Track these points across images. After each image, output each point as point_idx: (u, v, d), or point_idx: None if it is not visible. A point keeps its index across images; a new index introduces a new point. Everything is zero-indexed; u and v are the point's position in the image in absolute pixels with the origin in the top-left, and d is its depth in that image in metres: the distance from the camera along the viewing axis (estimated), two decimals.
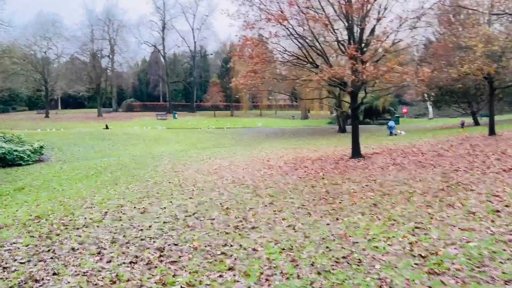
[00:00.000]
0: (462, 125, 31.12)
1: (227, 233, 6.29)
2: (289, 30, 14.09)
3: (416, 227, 5.36)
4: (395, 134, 29.36)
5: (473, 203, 6.41)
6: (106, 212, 8.90)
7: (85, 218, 8.48)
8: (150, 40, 79.04)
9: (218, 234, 6.29)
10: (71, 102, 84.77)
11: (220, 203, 8.79)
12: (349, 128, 38.97)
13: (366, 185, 9.45)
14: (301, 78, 15.75)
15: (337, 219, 6.33)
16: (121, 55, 73.68)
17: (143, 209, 8.91)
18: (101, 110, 63.94)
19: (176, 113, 63.76)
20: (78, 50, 68.06)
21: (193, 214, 7.93)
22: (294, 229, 6.06)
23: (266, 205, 8.13)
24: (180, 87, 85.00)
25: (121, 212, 8.82)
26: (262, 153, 21.81)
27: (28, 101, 79.89)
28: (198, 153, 23.38)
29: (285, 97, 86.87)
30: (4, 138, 23.57)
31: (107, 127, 38.01)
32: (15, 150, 21.04)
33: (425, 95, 30.42)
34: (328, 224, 6.07)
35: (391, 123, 31.16)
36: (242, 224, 6.72)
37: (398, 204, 6.97)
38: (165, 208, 8.82)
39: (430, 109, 54.77)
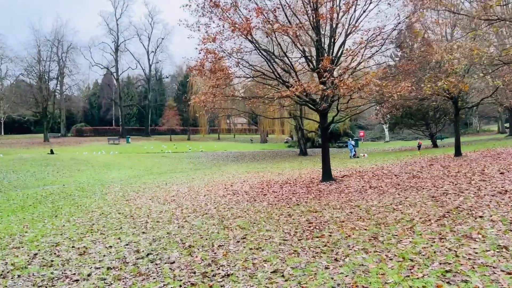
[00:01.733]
0: (419, 147, 31.27)
1: (192, 284, 4.70)
2: (254, 43, 12.97)
3: (446, 271, 4.07)
4: (357, 157, 28.85)
5: (494, 233, 5.27)
6: (35, 254, 7.01)
7: (6, 263, 6.55)
8: (103, 62, 76.27)
9: (180, 286, 4.69)
10: (16, 127, 79.04)
11: (181, 239, 7.16)
12: (310, 151, 38.45)
13: (351, 212, 8.19)
14: (266, 96, 14.59)
15: (336, 259, 4.91)
16: (71, 78, 70.12)
17: (84, 249, 7.10)
18: (47, 135, 59.70)
19: (129, 137, 60.82)
20: (23, 71, 63.89)
21: (147, 255, 6.26)
22: (283, 276, 4.57)
23: (238, 241, 6.60)
24: (134, 111, 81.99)
25: (55, 253, 6.96)
26: (223, 177, 20.29)
27: None
28: (153, 179, 21.47)
29: (244, 121, 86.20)
30: None
31: (52, 152, 34.92)
32: None
33: (384, 117, 30.31)
34: (327, 268, 4.65)
35: (351, 142, 30.69)
36: (212, 270, 5.15)
37: (402, 236, 5.71)
38: (111, 247, 7.06)
39: (387, 132, 55.72)
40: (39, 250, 7.33)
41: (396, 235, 5.77)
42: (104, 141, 57.98)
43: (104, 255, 6.48)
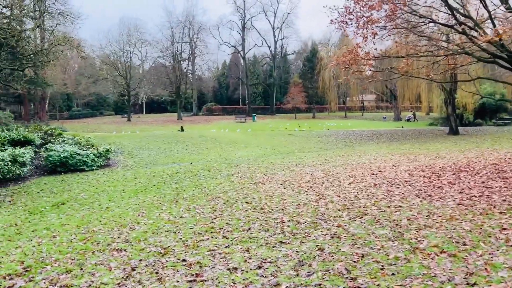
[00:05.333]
0: None
1: None
2: None
3: None
4: None
5: None
6: (133, 269, 4.89)
7: (90, 284, 4.53)
8: (230, 41, 77.33)
9: None
10: (155, 107, 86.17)
11: (347, 269, 4.29)
12: (460, 129, 32.18)
13: None
14: (434, 52, 10.79)
15: None
16: (201, 58, 72.65)
17: (197, 267, 4.75)
18: (181, 114, 62.99)
19: (255, 115, 60.61)
20: (160, 54, 68.17)
21: None
22: None
23: None
24: (259, 89, 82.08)
25: (157, 272, 4.71)
26: (363, 159, 16.92)
27: (115, 106, 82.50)
28: (281, 159, 19.14)
29: (371, 98, 79.74)
30: (71, 140, 21.56)
31: (182, 129, 35.51)
32: (78, 154, 18.53)
33: None
34: None
35: None
36: None
37: None
38: (235, 269, 4.57)
39: None
40: (141, 260, 5.23)
41: None
42: (232, 120, 58.75)
43: None
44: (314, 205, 8.12)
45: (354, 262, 4.47)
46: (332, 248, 5.07)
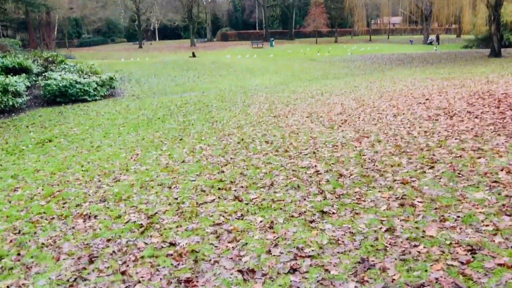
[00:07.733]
0: None
1: None
2: None
3: None
4: None
5: None
6: (91, 260, 3.13)
7: None
8: None
9: None
10: (168, 33, 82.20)
11: (456, 285, 2.41)
12: (503, 51, 28.68)
13: None
14: None
15: None
16: None
17: (189, 270, 2.95)
18: (194, 40, 59.57)
19: (273, 40, 56.81)
20: None
21: None
22: None
23: None
24: (277, 12, 76.64)
25: (123, 272, 2.94)
26: (399, 86, 14.54)
27: (127, 33, 79.09)
28: (304, 87, 16.89)
29: (397, 20, 73.81)
30: (73, 68, 19.57)
31: (193, 55, 32.93)
32: (78, 83, 16.64)
33: None
34: None
35: None
36: None
37: None
38: (252, 272, 2.73)
39: None
40: (109, 240, 3.44)
41: None
42: (248, 45, 55.27)
43: None
44: (356, 146, 6.14)
45: (462, 264, 2.54)
46: (408, 227, 3.13)
